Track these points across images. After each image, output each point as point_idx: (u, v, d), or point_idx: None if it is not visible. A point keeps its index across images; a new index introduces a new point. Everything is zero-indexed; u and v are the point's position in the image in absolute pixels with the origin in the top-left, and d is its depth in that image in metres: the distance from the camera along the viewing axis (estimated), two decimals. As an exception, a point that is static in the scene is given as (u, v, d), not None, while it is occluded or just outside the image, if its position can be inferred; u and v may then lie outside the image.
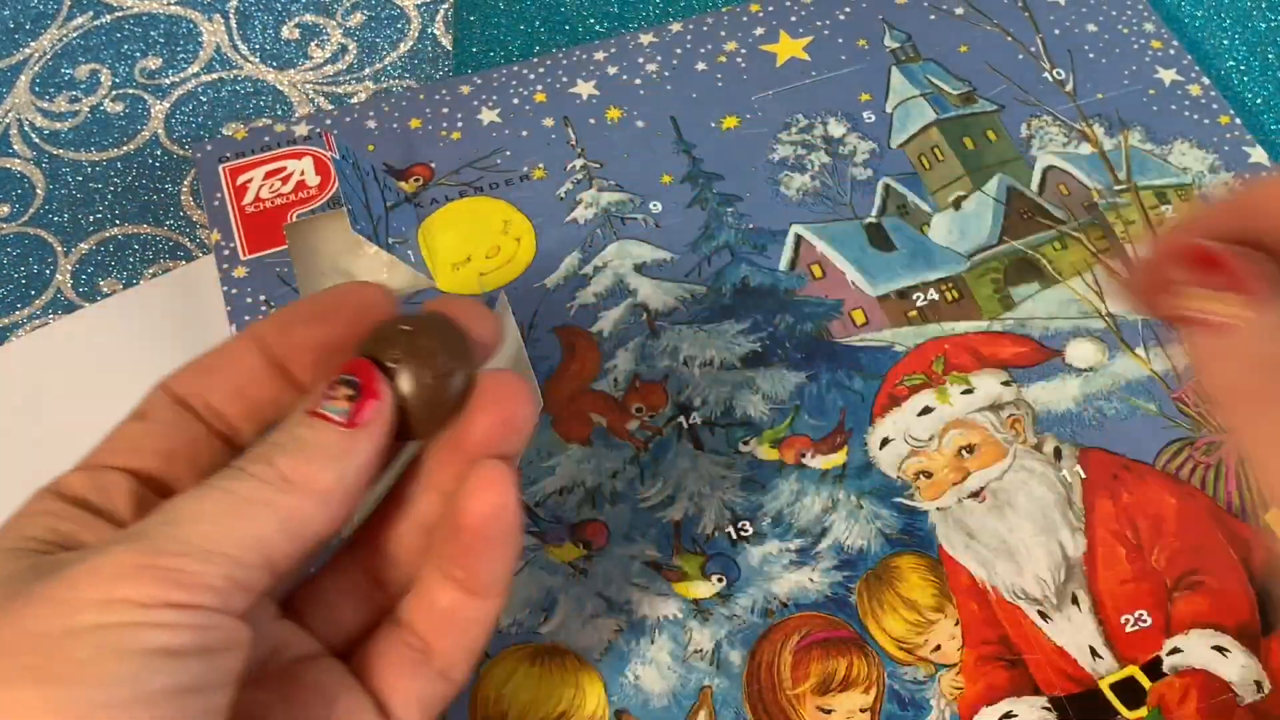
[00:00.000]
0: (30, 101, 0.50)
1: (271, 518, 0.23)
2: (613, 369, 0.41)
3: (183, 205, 0.47)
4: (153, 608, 0.21)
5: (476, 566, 0.27)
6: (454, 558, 0.27)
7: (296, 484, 0.24)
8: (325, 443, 0.25)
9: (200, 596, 0.22)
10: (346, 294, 0.28)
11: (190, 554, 0.22)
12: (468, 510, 0.26)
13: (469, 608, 0.27)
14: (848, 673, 0.36)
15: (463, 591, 0.27)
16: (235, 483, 0.24)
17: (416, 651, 0.27)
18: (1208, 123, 0.47)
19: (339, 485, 0.24)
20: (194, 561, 0.22)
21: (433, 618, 0.27)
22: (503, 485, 0.26)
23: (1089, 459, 0.39)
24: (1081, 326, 0.42)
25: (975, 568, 0.37)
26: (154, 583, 0.21)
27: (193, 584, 0.22)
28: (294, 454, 0.24)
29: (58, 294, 0.45)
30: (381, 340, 0.26)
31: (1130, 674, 0.36)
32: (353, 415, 0.25)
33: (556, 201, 0.45)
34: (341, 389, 0.25)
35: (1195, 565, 0.37)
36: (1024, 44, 0.50)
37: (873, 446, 0.40)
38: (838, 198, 0.46)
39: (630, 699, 0.35)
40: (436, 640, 0.27)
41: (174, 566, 0.22)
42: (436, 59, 0.51)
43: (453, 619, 0.27)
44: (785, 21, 0.51)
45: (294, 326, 0.27)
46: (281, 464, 0.24)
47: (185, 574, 0.22)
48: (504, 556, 0.27)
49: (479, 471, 0.26)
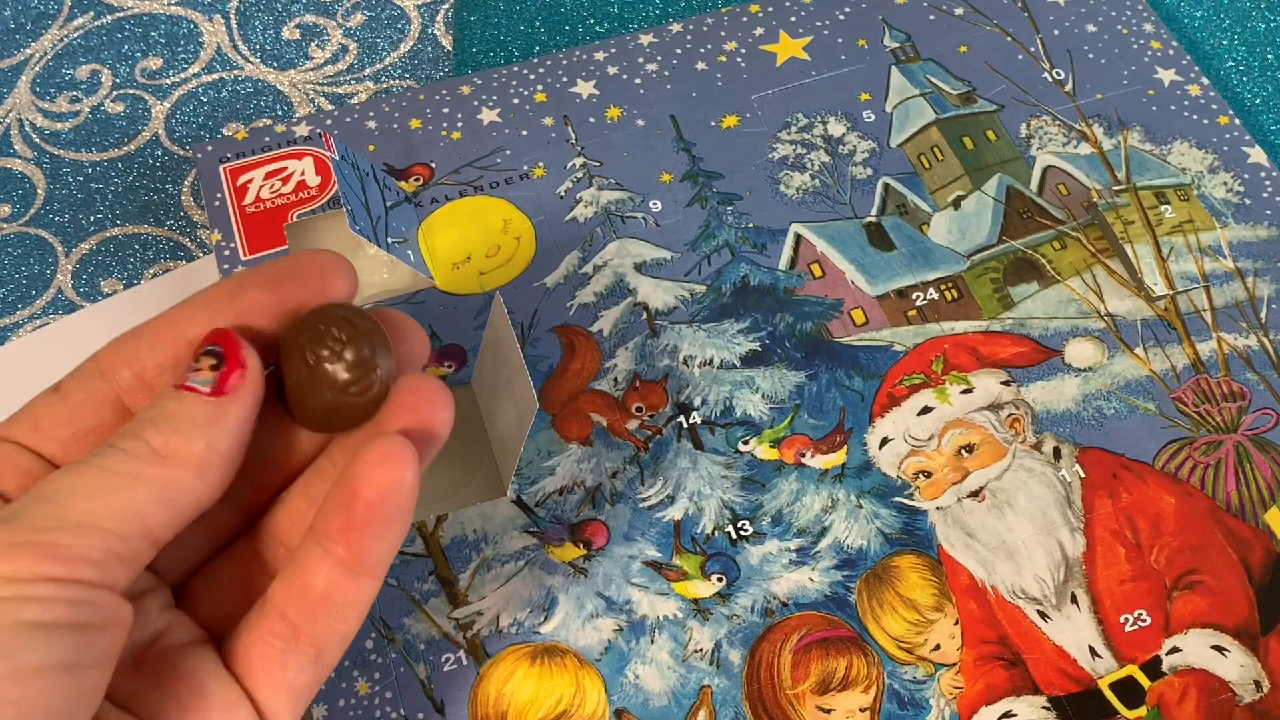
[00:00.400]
0: (31, 102, 0.50)
1: (147, 490, 0.23)
2: (613, 368, 0.42)
3: (183, 205, 0.47)
4: (28, 582, 0.21)
5: (363, 544, 0.25)
6: (339, 532, 0.25)
7: (168, 456, 0.24)
8: (193, 414, 0.24)
9: (78, 570, 0.22)
10: (303, 261, 0.27)
11: (66, 528, 0.22)
12: (365, 481, 0.25)
13: (346, 589, 0.26)
14: (847, 672, 0.36)
15: (341, 571, 0.26)
16: (108, 459, 0.24)
17: (285, 639, 0.26)
18: (1207, 123, 0.47)
19: (212, 453, 0.24)
20: (70, 535, 0.22)
21: (306, 601, 0.26)
22: (403, 459, 0.25)
23: (1088, 458, 0.39)
24: (1080, 326, 0.42)
25: (975, 567, 0.37)
26: (30, 558, 0.21)
27: (70, 557, 0.22)
28: (163, 427, 0.24)
29: (58, 294, 0.45)
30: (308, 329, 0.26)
31: (1129, 673, 0.36)
32: (218, 384, 0.25)
33: (556, 200, 0.45)
34: (205, 360, 0.25)
35: (1194, 565, 0.37)
36: (1023, 44, 0.50)
37: (872, 446, 0.40)
38: (837, 197, 0.46)
39: (630, 699, 0.35)
40: (307, 624, 0.26)
41: (50, 541, 0.22)
42: (437, 59, 0.51)
43: (327, 601, 0.26)
44: (785, 21, 0.51)
45: (246, 291, 0.26)
46: (152, 437, 0.24)
47: (61, 547, 0.22)
48: (393, 535, 0.26)
49: (379, 444, 0.25)
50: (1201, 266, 0.44)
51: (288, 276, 0.26)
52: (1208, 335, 0.42)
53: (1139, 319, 0.42)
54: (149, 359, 0.26)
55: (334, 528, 0.25)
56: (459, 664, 0.36)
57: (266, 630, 0.26)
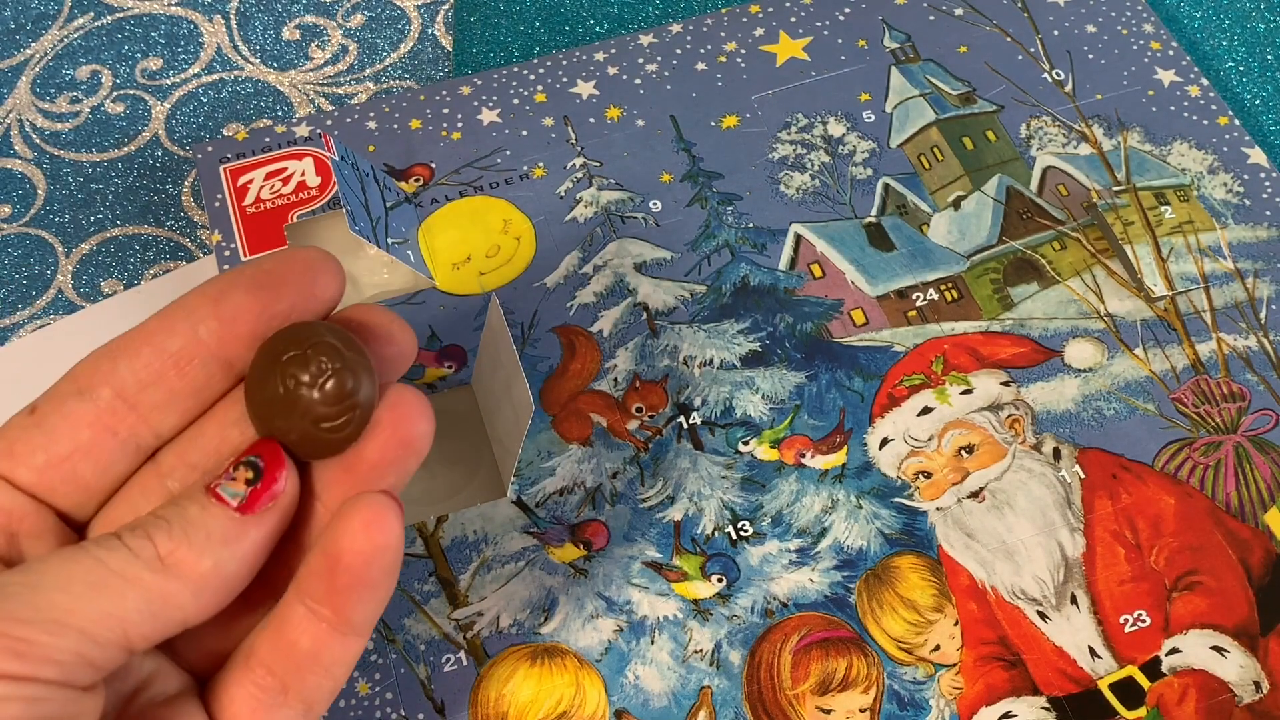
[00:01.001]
0: (31, 102, 0.50)
1: (137, 598, 0.22)
2: (613, 368, 0.42)
3: (183, 206, 0.47)
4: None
5: (348, 607, 0.24)
6: (323, 596, 0.24)
7: (170, 566, 0.22)
8: (211, 526, 0.23)
9: (40, 669, 0.21)
10: (289, 261, 0.25)
11: (41, 622, 0.21)
12: (347, 548, 0.23)
13: (333, 649, 0.25)
14: (847, 673, 0.36)
15: (328, 631, 0.24)
16: (109, 553, 0.22)
17: (272, 694, 0.25)
18: (1206, 123, 0.47)
19: (216, 574, 0.23)
20: (41, 632, 0.21)
21: (293, 659, 0.25)
22: (387, 522, 0.24)
23: (1088, 459, 0.39)
24: (1080, 327, 0.42)
25: (974, 568, 0.37)
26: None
27: (34, 656, 0.21)
28: (176, 533, 0.23)
29: (59, 294, 0.45)
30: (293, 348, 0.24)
31: (1129, 674, 0.36)
32: (248, 501, 0.23)
33: (556, 200, 0.45)
34: (243, 470, 0.24)
35: (1194, 565, 0.37)
36: (1023, 44, 0.50)
37: (872, 446, 0.40)
38: (837, 197, 0.46)
39: (630, 699, 0.35)
40: (295, 681, 0.25)
41: (18, 635, 0.20)
42: (437, 60, 0.51)
43: (315, 661, 0.25)
44: (785, 22, 0.51)
45: (230, 296, 0.24)
46: (160, 541, 0.23)
47: (29, 644, 0.20)
48: (379, 598, 0.24)
49: (362, 505, 0.24)
50: (1201, 267, 0.44)
51: (274, 281, 0.25)
52: (1207, 336, 0.42)
53: (1139, 319, 0.43)
54: (128, 376, 0.24)
55: (318, 591, 0.24)
56: (459, 664, 0.36)
57: (254, 685, 0.25)
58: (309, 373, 0.24)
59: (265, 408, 0.24)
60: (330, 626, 0.24)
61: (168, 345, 0.24)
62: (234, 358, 0.25)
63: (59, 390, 0.24)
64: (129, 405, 0.24)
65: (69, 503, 0.25)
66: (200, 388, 0.25)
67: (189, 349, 0.24)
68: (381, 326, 0.26)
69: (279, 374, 0.24)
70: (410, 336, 0.27)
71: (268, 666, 0.25)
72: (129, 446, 0.25)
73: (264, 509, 0.24)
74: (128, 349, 0.24)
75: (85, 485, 0.24)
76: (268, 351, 0.24)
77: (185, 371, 0.24)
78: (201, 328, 0.24)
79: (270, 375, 0.24)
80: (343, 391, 0.24)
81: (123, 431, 0.24)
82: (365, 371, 0.24)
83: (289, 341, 0.24)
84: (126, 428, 0.24)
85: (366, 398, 0.24)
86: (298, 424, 0.24)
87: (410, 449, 0.25)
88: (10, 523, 0.24)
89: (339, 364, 0.24)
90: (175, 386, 0.24)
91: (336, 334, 0.24)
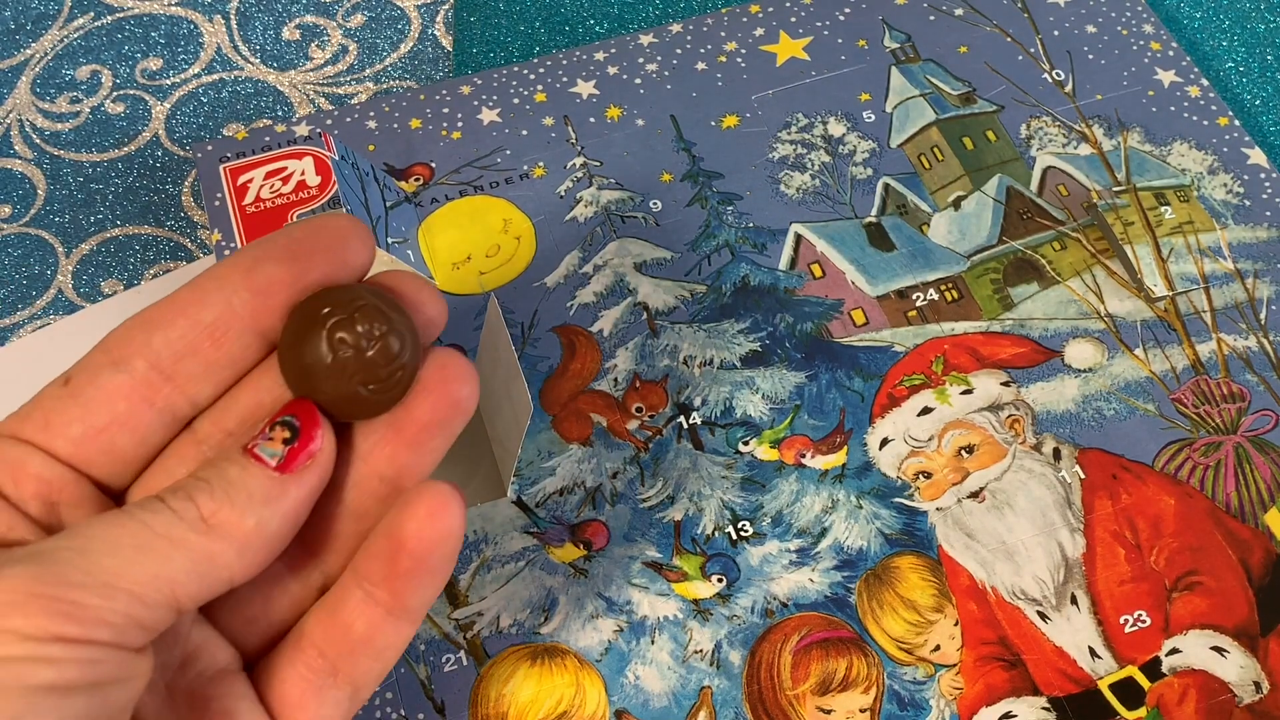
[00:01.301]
0: (31, 102, 0.50)
1: (184, 559, 0.22)
2: (613, 368, 0.42)
3: (183, 206, 0.47)
4: (41, 641, 0.20)
5: (407, 592, 0.25)
6: (383, 580, 0.25)
7: (214, 526, 0.23)
8: (252, 486, 0.23)
9: (93, 631, 0.21)
10: (320, 228, 0.25)
11: (92, 585, 0.21)
12: (411, 534, 0.24)
13: (387, 633, 0.25)
14: (847, 673, 0.36)
15: (383, 615, 0.25)
16: (153, 515, 0.22)
17: (322, 675, 0.26)
18: (1206, 124, 0.47)
19: (259, 533, 0.23)
20: (92, 595, 0.21)
21: (346, 642, 0.25)
22: (451, 510, 0.24)
23: (1088, 459, 0.39)
24: (1080, 327, 0.42)
25: (975, 568, 0.37)
26: (45, 614, 0.20)
27: (86, 618, 0.21)
28: (218, 494, 0.23)
29: (59, 294, 0.45)
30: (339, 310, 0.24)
31: (1129, 674, 0.36)
32: (286, 459, 0.24)
33: (557, 200, 0.45)
34: (280, 430, 0.24)
35: (1194, 566, 0.37)
36: (1023, 45, 0.50)
37: (872, 447, 0.40)
38: (837, 197, 0.46)
39: (630, 699, 0.35)
40: (346, 664, 0.25)
41: (70, 599, 0.21)
42: (437, 60, 0.51)
43: (369, 644, 0.25)
44: (785, 22, 0.51)
45: (262, 267, 0.24)
46: (203, 502, 0.23)
47: (82, 607, 0.21)
48: (438, 584, 0.25)
49: (426, 492, 0.24)
50: (1201, 267, 0.44)
51: (306, 250, 0.25)
52: (1207, 336, 0.42)
53: (1139, 320, 0.43)
54: (163, 348, 0.24)
55: (377, 574, 0.25)
56: (459, 664, 0.36)
57: (304, 665, 0.26)
58: (354, 334, 0.24)
59: (306, 370, 0.24)
60: (385, 611, 0.25)
61: (202, 317, 0.24)
62: (268, 328, 0.25)
63: (92, 361, 0.24)
64: (165, 376, 0.24)
65: (106, 472, 0.25)
66: (235, 358, 0.25)
67: (223, 320, 0.24)
68: (412, 294, 0.26)
69: (322, 336, 0.24)
70: (441, 304, 0.27)
71: (319, 649, 0.25)
72: (165, 416, 0.25)
73: (302, 467, 0.24)
74: (161, 321, 0.24)
75: (123, 455, 0.25)
76: (306, 313, 0.24)
77: (220, 343, 0.25)
78: (235, 299, 0.24)
79: (311, 337, 0.24)
80: (390, 353, 0.24)
81: (159, 402, 0.25)
82: (410, 333, 0.25)
83: (330, 303, 0.24)
84: (163, 398, 0.25)
85: (411, 359, 0.25)
86: (343, 386, 0.24)
87: (458, 409, 0.26)
88: (50, 492, 0.24)
89: (385, 326, 0.24)
90: (211, 357, 0.25)
91: (378, 295, 0.25)
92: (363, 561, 0.25)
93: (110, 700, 0.21)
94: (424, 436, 0.25)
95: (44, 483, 0.24)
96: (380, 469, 0.26)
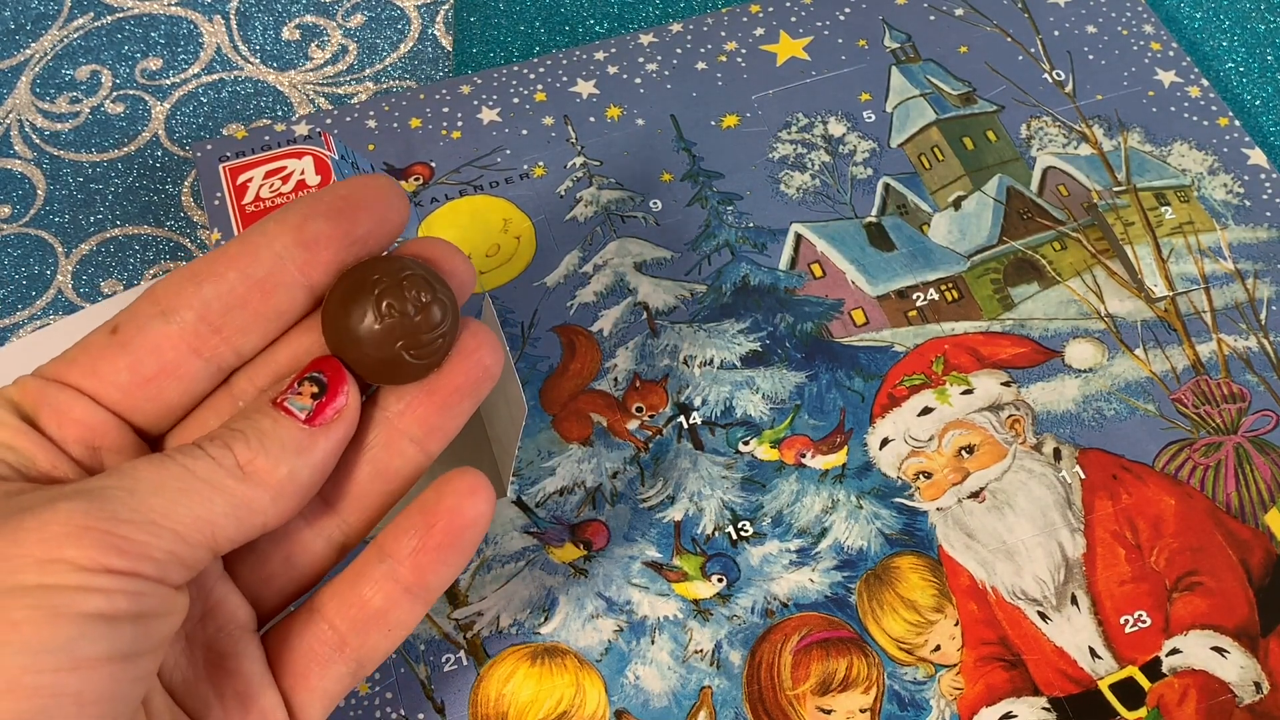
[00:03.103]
0: (31, 102, 0.50)
1: (223, 502, 0.23)
2: (613, 368, 0.41)
3: (183, 206, 0.47)
4: (92, 571, 0.21)
5: (432, 568, 0.26)
6: (411, 554, 0.26)
7: (251, 474, 0.24)
8: (284, 437, 0.24)
9: (139, 565, 0.22)
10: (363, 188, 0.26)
11: (140, 522, 0.22)
12: (450, 510, 0.26)
13: (402, 610, 0.27)
14: (848, 673, 0.36)
15: (402, 591, 0.26)
16: (194, 460, 0.24)
17: (330, 648, 0.27)
18: (1207, 124, 0.47)
19: (292, 481, 0.24)
20: (140, 530, 0.22)
21: (361, 616, 0.27)
22: (484, 495, 0.26)
23: (1088, 459, 0.39)
24: (1081, 327, 0.42)
25: (975, 568, 0.37)
26: (96, 546, 0.21)
27: (134, 552, 0.22)
28: (253, 444, 0.24)
29: (59, 295, 0.45)
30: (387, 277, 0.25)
31: (1129, 674, 0.36)
32: (314, 414, 0.25)
33: (557, 199, 0.45)
34: (308, 385, 0.25)
35: (1194, 566, 0.37)
36: (1024, 45, 0.50)
37: (873, 447, 0.40)
38: (838, 197, 0.46)
39: (630, 699, 0.35)
40: (355, 638, 0.27)
41: (120, 533, 0.22)
42: (437, 60, 0.51)
43: (383, 619, 0.27)
44: (785, 22, 0.51)
45: (312, 221, 0.25)
46: (240, 451, 0.24)
47: (131, 541, 0.22)
48: (458, 567, 0.27)
49: (462, 476, 0.26)
50: (1201, 268, 0.44)
51: (352, 206, 0.26)
52: (1208, 337, 0.42)
53: (1139, 320, 0.43)
54: (214, 300, 0.25)
55: (405, 548, 0.26)
56: (459, 664, 0.36)
57: (313, 636, 0.27)
58: (401, 302, 0.25)
59: (354, 335, 0.25)
60: (404, 588, 0.26)
61: (252, 270, 0.25)
62: (316, 283, 0.26)
63: (140, 311, 0.25)
64: (213, 328, 0.25)
65: (149, 420, 0.26)
66: (283, 311, 0.26)
67: (274, 275, 0.25)
68: (446, 259, 0.27)
69: (370, 302, 0.25)
70: (472, 271, 0.28)
71: (331, 621, 0.27)
72: (212, 367, 0.26)
73: (330, 421, 0.25)
74: (212, 273, 0.25)
75: (168, 404, 0.26)
76: (354, 281, 0.25)
77: (270, 296, 0.25)
78: (285, 253, 0.25)
79: (360, 304, 0.25)
80: (433, 321, 0.25)
81: (207, 352, 0.25)
82: (451, 303, 0.26)
83: (379, 271, 0.25)
84: (210, 349, 0.25)
85: (451, 328, 0.26)
86: (389, 351, 0.25)
87: (487, 375, 0.27)
88: (94, 438, 0.25)
89: (430, 295, 0.25)
90: (260, 310, 0.25)
91: (421, 267, 0.26)
92: (391, 536, 0.26)
93: (152, 632, 0.23)
94: (454, 399, 0.27)
95: (88, 428, 0.25)
96: (410, 429, 0.27)
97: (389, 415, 0.27)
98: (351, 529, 0.28)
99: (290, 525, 0.27)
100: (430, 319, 0.25)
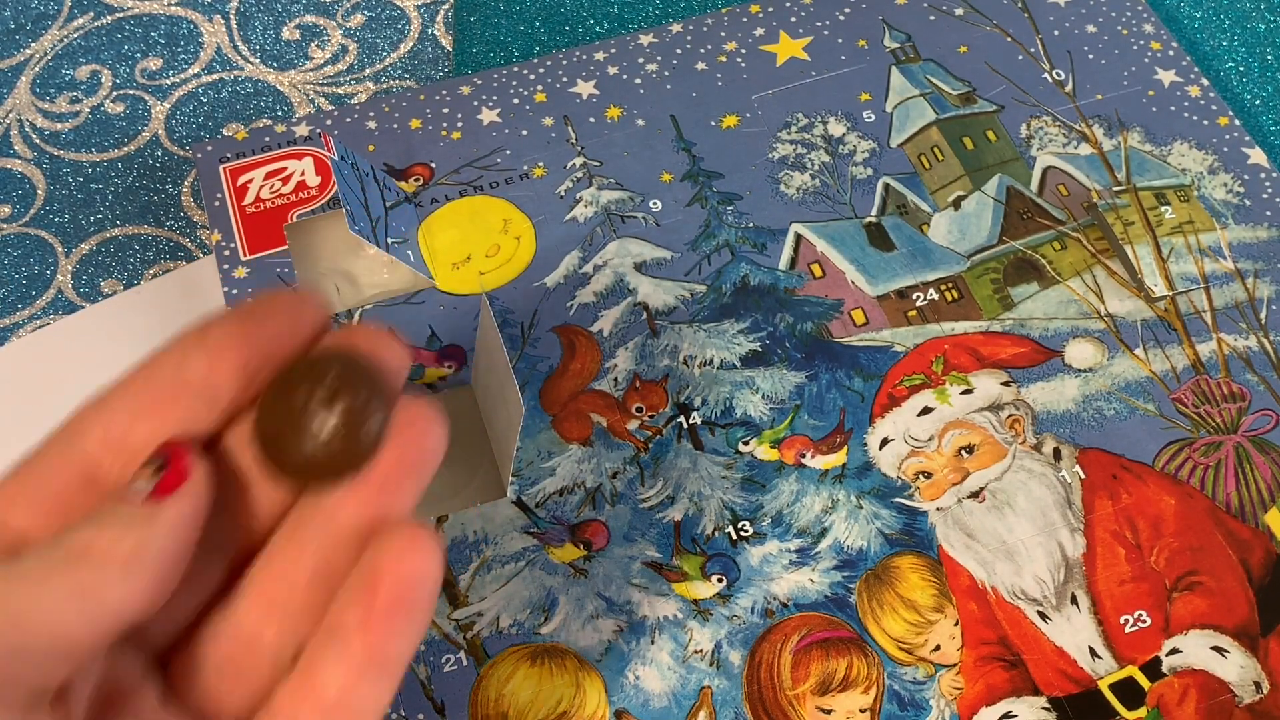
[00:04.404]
0: (31, 102, 0.50)
1: (59, 590, 0.21)
2: (613, 368, 0.41)
3: (183, 206, 0.47)
4: None
5: (383, 639, 0.24)
6: (358, 627, 0.23)
7: (92, 554, 0.22)
8: (123, 514, 0.22)
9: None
10: (272, 298, 0.25)
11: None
12: (388, 570, 0.23)
13: (362, 694, 0.24)
14: (847, 673, 0.36)
15: (357, 674, 0.23)
16: (23, 564, 0.21)
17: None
18: (1207, 124, 0.47)
19: (142, 551, 0.22)
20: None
21: (319, 709, 0.24)
22: (428, 549, 0.24)
23: (1088, 459, 0.39)
24: (1080, 327, 0.42)
25: (975, 568, 0.37)
26: None
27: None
28: (91, 527, 0.22)
29: (58, 294, 0.45)
30: (299, 372, 0.25)
31: (1129, 674, 0.36)
32: (155, 489, 0.23)
33: (556, 200, 0.45)
34: (145, 469, 0.23)
35: (1194, 566, 0.37)
36: (1023, 45, 0.50)
37: (872, 446, 0.40)
38: (837, 197, 0.46)
39: (630, 699, 0.35)
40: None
41: None
42: (437, 60, 0.51)
43: (343, 709, 0.24)
44: (785, 22, 0.51)
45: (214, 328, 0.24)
46: (77, 537, 0.22)
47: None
48: (415, 631, 0.24)
49: (398, 531, 0.24)
50: (1201, 267, 0.44)
51: (259, 312, 0.25)
52: (1208, 336, 0.42)
53: (1139, 320, 0.42)
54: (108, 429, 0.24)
55: (351, 621, 0.24)
56: (459, 665, 0.36)
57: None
58: (321, 393, 0.24)
59: (278, 439, 0.24)
60: (359, 668, 0.24)
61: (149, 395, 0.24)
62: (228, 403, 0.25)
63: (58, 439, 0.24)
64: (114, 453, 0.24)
65: None
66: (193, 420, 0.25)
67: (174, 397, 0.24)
68: (373, 348, 0.26)
69: (287, 401, 0.24)
70: (402, 353, 0.26)
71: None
72: None
73: (173, 489, 0.23)
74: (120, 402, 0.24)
75: None
76: (276, 385, 0.25)
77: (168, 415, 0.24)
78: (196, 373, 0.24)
79: (279, 405, 0.24)
80: (360, 416, 0.24)
81: None
82: (379, 396, 0.25)
83: (296, 369, 0.25)
84: None
85: (380, 423, 0.25)
86: (315, 452, 0.24)
87: (427, 462, 0.25)
88: None
89: (351, 395, 0.24)
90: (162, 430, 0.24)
91: (345, 362, 0.25)
92: (335, 615, 0.24)
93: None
94: (391, 485, 0.25)
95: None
96: (351, 521, 0.25)
97: (325, 510, 0.25)
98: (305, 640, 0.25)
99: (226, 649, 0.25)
100: (355, 414, 0.24)
